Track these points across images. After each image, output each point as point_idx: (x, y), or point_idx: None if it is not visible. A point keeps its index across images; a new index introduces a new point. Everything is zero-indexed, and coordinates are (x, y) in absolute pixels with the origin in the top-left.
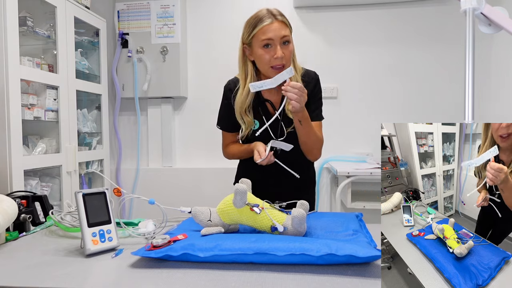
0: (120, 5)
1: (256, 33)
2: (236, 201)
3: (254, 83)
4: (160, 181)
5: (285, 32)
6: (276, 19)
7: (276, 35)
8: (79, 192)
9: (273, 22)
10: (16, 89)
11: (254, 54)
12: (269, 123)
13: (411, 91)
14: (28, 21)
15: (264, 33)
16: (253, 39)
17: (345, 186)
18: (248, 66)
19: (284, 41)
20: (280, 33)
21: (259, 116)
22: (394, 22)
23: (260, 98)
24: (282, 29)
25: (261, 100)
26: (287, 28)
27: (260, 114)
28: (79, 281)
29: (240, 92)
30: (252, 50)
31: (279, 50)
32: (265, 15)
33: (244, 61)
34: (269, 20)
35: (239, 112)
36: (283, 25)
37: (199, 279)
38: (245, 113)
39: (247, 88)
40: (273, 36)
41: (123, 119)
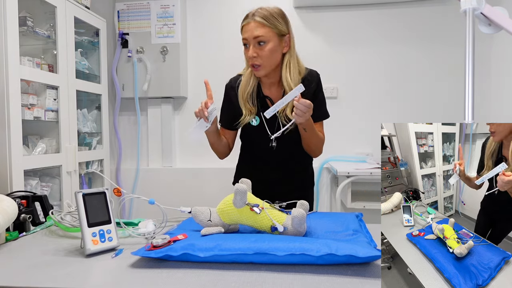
0: (120, 5)
1: (241, 31)
2: (236, 201)
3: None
4: (160, 181)
5: (259, 32)
6: (253, 19)
7: (249, 36)
8: (79, 192)
9: (250, 22)
10: (16, 89)
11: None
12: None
13: (411, 91)
14: (28, 21)
15: (242, 33)
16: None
17: (345, 186)
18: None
19: (259, 41)
20: (253, 33)
21: (258, 111)
22: (394, 22)
23: (260, 94)
24: (257, 30)
25: (261, 96)
26: (265, 28)
27: (259, 110)
28: (79, 281)
29: (242, 81)
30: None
31: (250, 50)
32: (249, 15)
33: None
34: (246, 20)
35: (241, 100)
36: (259, 25)
37: (199, 279)
38: (247, 102)
39: (247, 77)
40: (247, 36)
41: (123, 119)
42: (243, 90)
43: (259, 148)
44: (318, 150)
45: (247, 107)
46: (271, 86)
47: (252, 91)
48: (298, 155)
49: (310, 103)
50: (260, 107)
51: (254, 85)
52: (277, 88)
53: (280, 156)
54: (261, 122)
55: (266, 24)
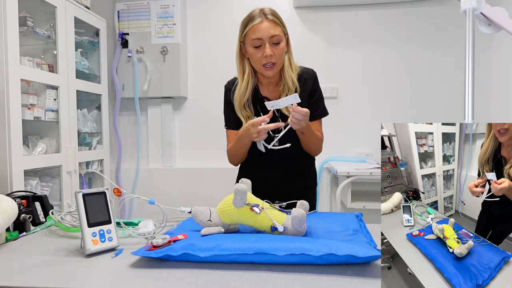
0: (120, 5)
1: (247, 32)
2: (236, 201)
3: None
4: (160, 181)
5: (274, 31)
6: (266, 18)
7: (265, 35)
8: (79, 192)
9: (263, 21)
10: (16, 89)
11: (248, 52)
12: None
13: (411, 91)
14: (28, 21)
15: (254, 32)
16: (245, 37)
17: (345, 186)
18: (245, 63)
19: (274, 41)
20: (269, 32)
21: (257, 113)
22: (394, 22)
23: (258, 95)
24: (272, 28)
25: (259, 97)
26: (278, 27)
27: (258, 110)
28: (79, 281)
29: (238, 87)
30: (246, 48)
31: (268, 48)
32: (256, 14)
33: (241, 59)
34: (259, 19)
35: (238, 107)
36: (273, 24)
37: (199, 279)
38: (244, 108)
39: (245, 84)
40: (261, 35)
41: (123, 119)
42: (240, 98)
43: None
44: (318, 149)
45: (244, 114)
46: (269, 86)
47: (249, 96)
48: (299, 155)
49: (307, 111)
50: (259, 108)
51: (251, 90)
52: (275, 87)
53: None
54: None
55: (278, 23)
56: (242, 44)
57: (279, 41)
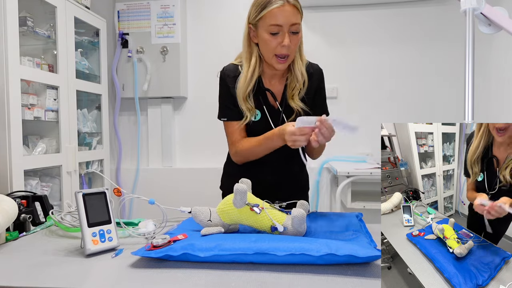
0: (120, 5)
1: (264, 15)
2: (236, 201)
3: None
4: (160, 181)
5: (296, 19)
6: (288, 2)
7: (286, 22)
8: (79, 192)
9: (284, 4)
10: (16, 89)
11: (260, 38)
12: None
13: (411, 91)
14: (28, 21)
15: (272, 17)
16: (259, 21)
17: (345, 186)
18: (253, 48)
19: (293, 29)
20: (290, 19)
21: (260, 105)
22: (394, 22)
23: (260, 87)
24: (293, 16)
25: (261, 89)
26: (299, 14)
27: (260, 103)
28: (79, 281)
29: (244, 75)
30: (258, 32)
31: (287, 37)
32: None
33: (248, 43)
34: (281, 2)
35: (241, 98)
36: (295, 11)
37: (199, 279)
38: (246, 100)
39: (250, 72)
40: (282, 22)
41: (123, 119)
42: (244, 89)
43: None
44: (320, 154)
45: (247, 107)
46: (273, 78)
47: (252, 87)
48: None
49: (333, 130)
50: (262, 100)
51: (256, 80)
52: (279, 79)
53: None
54: (262, 116)
55: (299, 11)
56: (253, 27)
57: (298, 31)
